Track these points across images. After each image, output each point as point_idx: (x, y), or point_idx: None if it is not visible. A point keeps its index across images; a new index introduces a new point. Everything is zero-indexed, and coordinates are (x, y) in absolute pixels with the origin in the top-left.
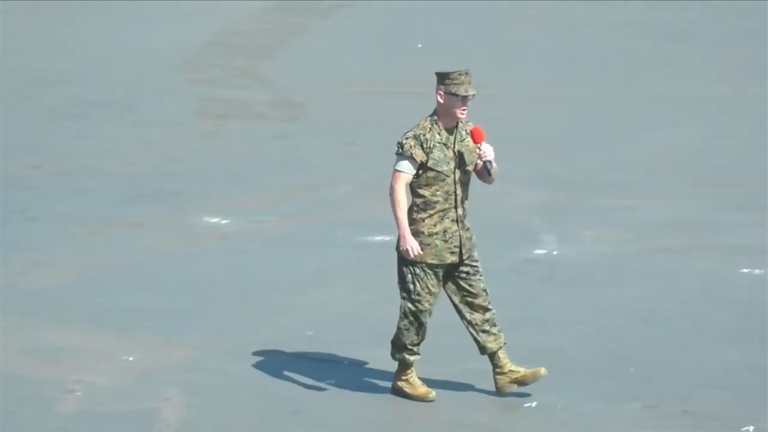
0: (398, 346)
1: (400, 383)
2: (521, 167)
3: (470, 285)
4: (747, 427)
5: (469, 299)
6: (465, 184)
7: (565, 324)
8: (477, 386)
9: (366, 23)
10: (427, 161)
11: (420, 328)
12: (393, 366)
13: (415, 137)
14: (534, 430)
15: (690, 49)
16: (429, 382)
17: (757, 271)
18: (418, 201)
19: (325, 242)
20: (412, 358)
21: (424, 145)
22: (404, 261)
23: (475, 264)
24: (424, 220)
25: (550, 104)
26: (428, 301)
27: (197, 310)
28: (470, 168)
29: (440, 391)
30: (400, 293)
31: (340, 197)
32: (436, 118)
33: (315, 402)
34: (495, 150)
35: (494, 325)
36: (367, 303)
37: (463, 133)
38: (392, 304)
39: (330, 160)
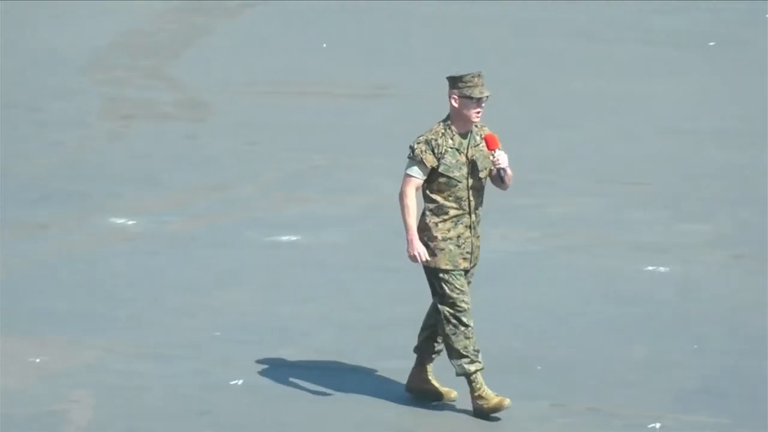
0: (454, 355)
1: (478, 402)
2: None
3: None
4: (654, 424)
5: None
6: (478, 190)
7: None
8: (386, 385)
9: (271, 23)
10: (438, 166)
11: (467, 329)
12: (303, 363)
13: (427, 142)
14: (441, 429)
15: (596, 47)
16: (340, 380)
17: (661, 269)
18: (431, 206)
19: (231, 242)
20: (472, 367)
21: (436, 150)
22: (429, 272)
23: (471, 279)
24: (437, 225)
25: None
26: (463, 300)
27: (104, 311)
28: (483, 174)
29: (350, 389)
30: (436, 301)
31: (246, 197)
32: (449, 123)
33: (223, 402)
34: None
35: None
36: (275, 303)
37: (478, 138)
38: (300, 303)
39: (236, 160)
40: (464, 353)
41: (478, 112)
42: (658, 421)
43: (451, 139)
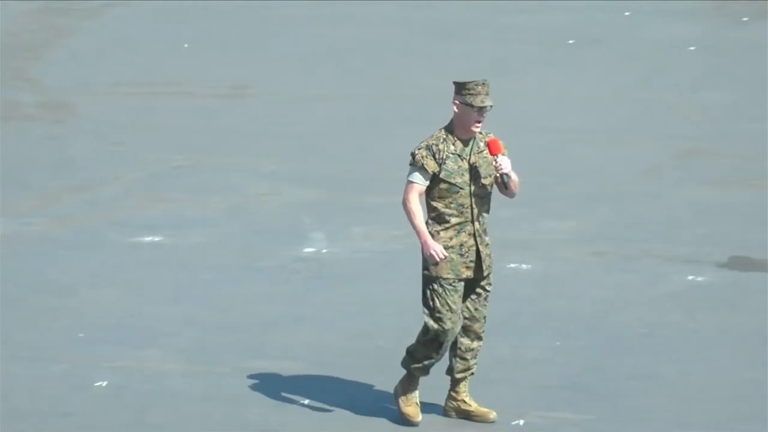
0: (412, 358)
1: (400, 390)
2: (290, 166)
3: (475, 309)
4: (518, 421)
5: (468, 322)
6: (482, 197)
7: (336, 321)
8: (250, 385)
9: (133, 24)
10: (439, 172)
11: (439, 348)
12: (168, 364)
13: (428, 147)
14: (305, 429)
15: (457, 46)
16: (204, 380)
17: (524, 266)
18: (432, 214)
19: (95, 244)
20: (420, 374)
21: (437, 156)
22: (424, 278)
23: (488, 289)
24: (439, 233)
25: (317, 103)
26: (450, 318)
27: None
28: (486, 181)
29: (214, 389)
30: (423, 310)
31: (109, 198)
32: (451, 129)
33: (87, 404)
34: None
35: (474, 357)
36: (139, 304)
37: (481, 144)
38: (164, 304)
39: (99, 161)
40: (421, 362)
41: (479, 123)
42: (521, 418)
43: (453, 144)
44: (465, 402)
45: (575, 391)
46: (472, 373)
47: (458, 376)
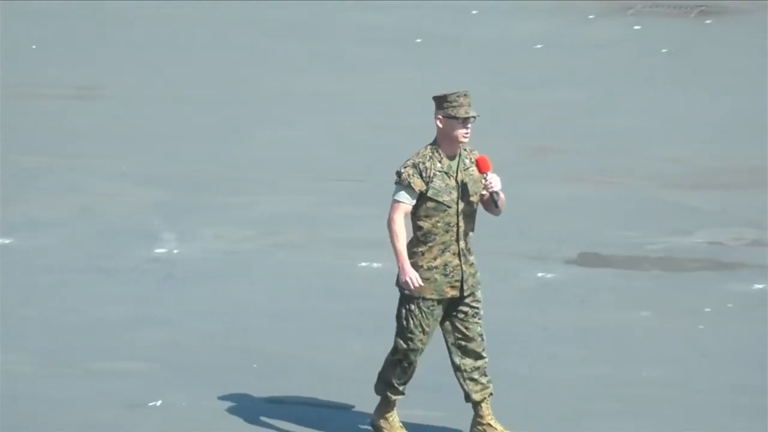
0: (384, 382)
1: (380, 422)
2: (139, 167)
3: (466, 328)
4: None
5: (463, 342)
6: (468, 215)
7: (188, 321)
8: (102, 387)
9: None
10: (426, 191)
11: (409, 367)
12: (22, 366)
13: (414, 166)
14: (159, 429)
15: (307, 45)
16: (59, 382)
17: (374, 265)
18: (418, 233)
19: None
20: (395, 396)
21: (423, 174)
22: (402, 297)
23: (476, 306)
24: (423, 254)
25: (165, 104)
26: (420, 340)
27: None
28: (474, 198)
29: (68, 391)
30: (396, 328)
31: None
32: (436, 146)
33: None
34: None
35: (484, 375)
36: None
37: (467, 161)
38: (16, 306)
39: None
40: (394, 384)
41: (466, 134)
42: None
43: (440, 162)
44: (491, 426)
45: (426, 389)
46: (491, 393)
47: (476, 397)
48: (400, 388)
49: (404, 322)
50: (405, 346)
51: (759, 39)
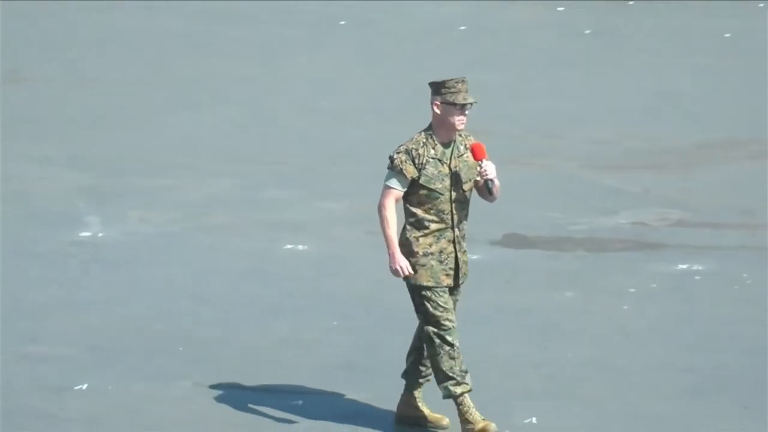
0: (440, 378)
1: (467, 427)
2: (63, 150)
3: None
4: (296, 401)
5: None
6: (462, 202)
7: (113, 305)
8: (28, 372)
9: None
10: (419, 178)
11: (452, 349)
12: None
13: (407, 152)
14: (86, 412)
15: (230, 28)
16: None
17: (300, 247)
18: (411, 220)
19: None
20: (458, 389)
21: (416, 161)
22: (411, 289)
23: (456, 299)
24: (418, 239)
25: (89, 88)
26: (447, 319)
27: None
28: (467, 186)
29: None
30: (420, 321)
31: None
32: (431, 132)
33: None
34: None
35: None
36: None
37: (462, 147)
38: None
39: None
40: (450, 374)
41: (462, 120)
42: (300, 400)
43: (433, 148)
44: (417, 407)
45: (353, 371)
46: (428, 380)
47: (419, 381)
48: (458, 378)
49: (423, 309)
50: (436, 330)
51: (681, 20)
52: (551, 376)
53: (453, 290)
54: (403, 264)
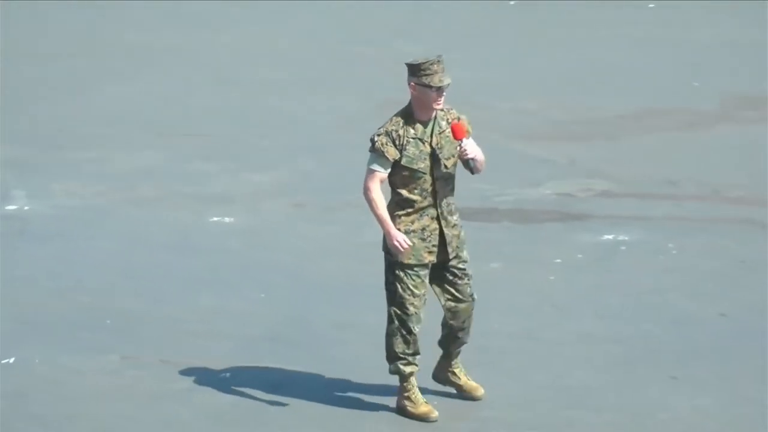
0: (390, 357)
1: (403, 402)
2: None
3: (456, 290)
4: (224, 374)
5: (453, 304)
6: (446, 179)
7: (40, 278)
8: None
9: None
10: (400, 159)
11: (409, 335)
12: None
13: (387, 134)
14: (12, 386)
15: (153, 1)
16: None
17: (226, 219)
18: (396, 199)
19: None
20: (407, 369)
21: (397, 142)
22: (387, 264)
23: (462, 267)
24: (400, 217)
25: (12, 60)
26: (413, 304)
27: None
28: (449, 162)
29: None
30: (387, 298)
31: None
32: (410, 111)
33: None
34: None
35: (467, 334)
36: None
37: (444, 123)
38: None
39: None
40: (401, 355)
41: (439, 102)
42: (228, 372)
43: (413, 128)
44: (456, 374)
45: (280, 342)
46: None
47: (452, 349)
48: (409, 359)
49: (392, 287)
50: (399, 312)
51: None
52: (479, 348)
53: (445, 264)
54: (400, 238)
